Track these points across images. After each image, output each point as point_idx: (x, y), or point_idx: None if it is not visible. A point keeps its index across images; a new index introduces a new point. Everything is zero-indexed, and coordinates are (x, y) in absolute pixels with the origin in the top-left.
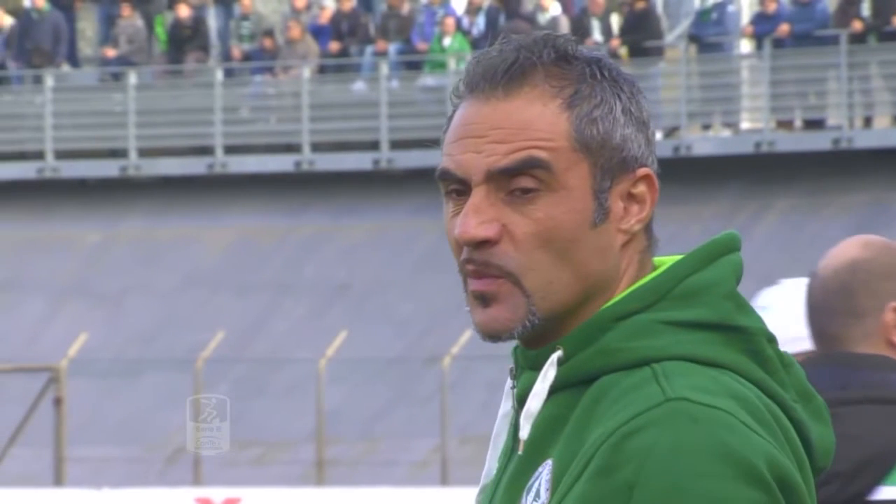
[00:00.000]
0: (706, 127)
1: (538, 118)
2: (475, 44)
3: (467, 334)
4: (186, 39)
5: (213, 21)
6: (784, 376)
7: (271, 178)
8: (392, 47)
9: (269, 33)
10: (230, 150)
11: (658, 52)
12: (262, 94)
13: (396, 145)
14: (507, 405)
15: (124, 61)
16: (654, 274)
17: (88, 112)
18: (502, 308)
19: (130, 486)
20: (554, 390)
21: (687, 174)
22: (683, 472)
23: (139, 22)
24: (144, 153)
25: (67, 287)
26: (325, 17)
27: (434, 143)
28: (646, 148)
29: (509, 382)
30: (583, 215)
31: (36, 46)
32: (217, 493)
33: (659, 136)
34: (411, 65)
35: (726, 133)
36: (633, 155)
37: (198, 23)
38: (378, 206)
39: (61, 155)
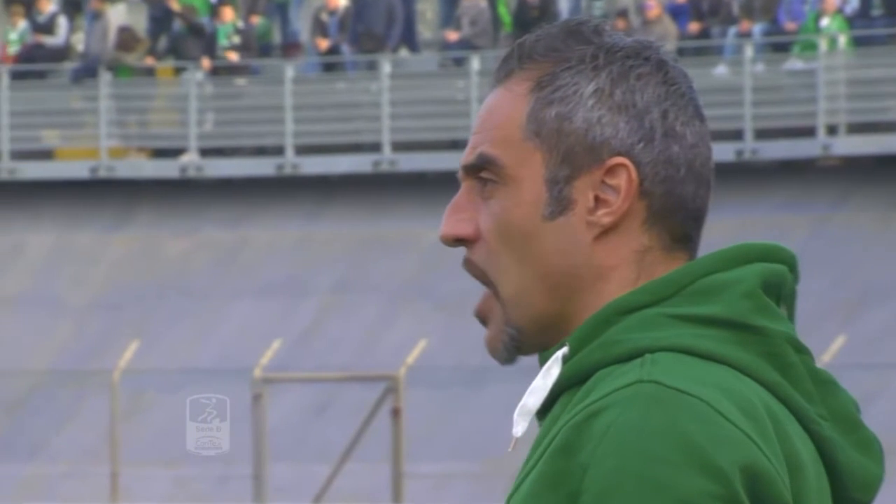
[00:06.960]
0: None
1: (501, 106)
2: (851, 23)
3: None
4: (533, 21)
5: (562, 1)
6: (811, 388)
7: None
8: (757, 28)
9: (623, 14)
10: None
11: None
12: None
13: (762, 135)
14: None
15: (466, 45)
16: (670, 271)
17: (428, 100)
18: (491, 327)
19: None
20: (561, 391)
21: None
22: (633, 453)
23: (482, 3)
24: None
25: (405, 289)
26: None
27: (800, 132)
28: (630, 136)
29: None
30: (534, 207)
31: (367, 30)
32: None
33: None
34: (778, 47)
35: None
36: (603, 141)
37: (546, 3)
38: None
39: (399, 147)
